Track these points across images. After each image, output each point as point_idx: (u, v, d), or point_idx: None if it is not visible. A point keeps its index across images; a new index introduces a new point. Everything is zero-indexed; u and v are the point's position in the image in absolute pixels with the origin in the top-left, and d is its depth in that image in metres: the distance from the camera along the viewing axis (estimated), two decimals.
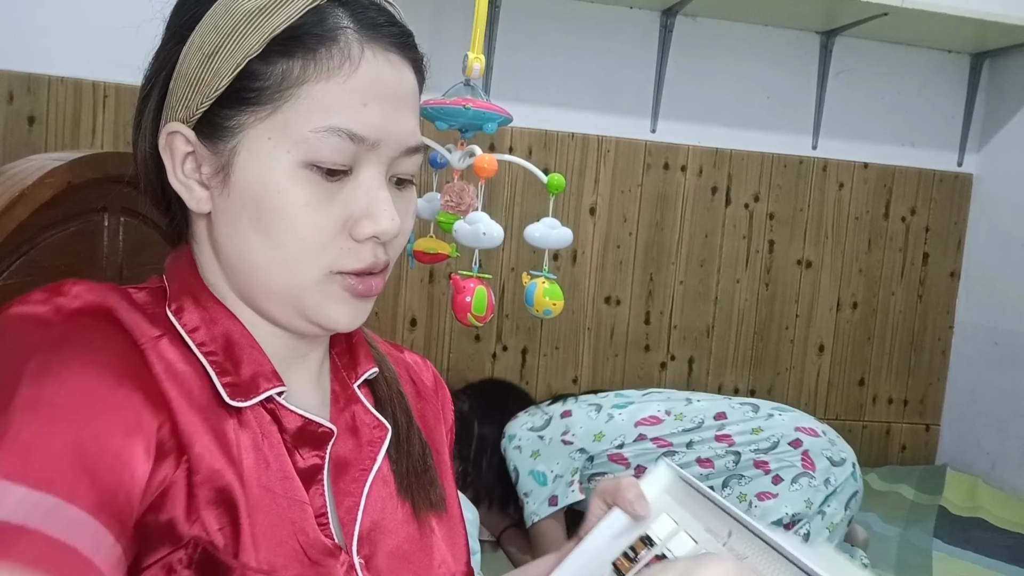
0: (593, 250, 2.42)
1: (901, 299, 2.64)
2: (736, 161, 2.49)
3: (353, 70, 0.55)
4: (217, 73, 0.55)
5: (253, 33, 0.54)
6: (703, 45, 2.44)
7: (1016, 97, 2.51)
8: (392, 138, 0.57)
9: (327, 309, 0.58)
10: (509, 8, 2.29)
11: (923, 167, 2.61)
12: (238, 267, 0.58)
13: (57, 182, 0.73)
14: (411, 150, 0.59)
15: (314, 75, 0.54)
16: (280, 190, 0.55)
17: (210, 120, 0.56)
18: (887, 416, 2.66)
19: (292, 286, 0.57)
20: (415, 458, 0.66)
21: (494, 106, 1.46)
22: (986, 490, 2.33)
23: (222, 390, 0.56)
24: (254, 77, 0.54)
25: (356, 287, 0.58)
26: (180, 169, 0.58)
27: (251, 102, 0.55)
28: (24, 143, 2.05)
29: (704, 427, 1.78)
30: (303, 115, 0.54)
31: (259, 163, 0.55)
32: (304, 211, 0.55)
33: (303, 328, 0.60)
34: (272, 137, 0.55)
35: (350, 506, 0.60)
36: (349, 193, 0.56)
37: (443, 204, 1.44)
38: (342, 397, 0.65)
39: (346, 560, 0.57)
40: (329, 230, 0.56)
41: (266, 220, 0.55)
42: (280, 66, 0.54)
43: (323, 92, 0.54)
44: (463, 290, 1.42)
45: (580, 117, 2.39)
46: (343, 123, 0.54)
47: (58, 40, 2.03)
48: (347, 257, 0.57)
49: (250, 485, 0.54)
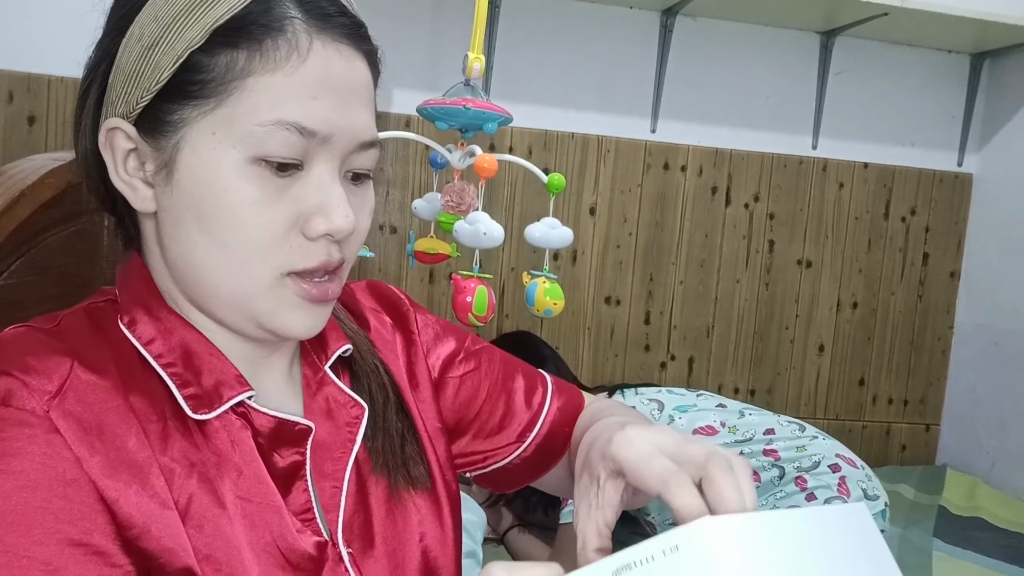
0: (593, 250, 2.42)
1: (901, 299, 2.64)
2: (736, 161, 2.49)
3: (301, 61, 0.52)
4: (157, 66, 0.52)
5: (195, 23, 0.52)
6: (703, 45, 2.43)
7: (1016, 97, 2.51)
8: (344, 132, 0.54)
9: (281, 316, 0.55)
10: (509, 8, 2.29)
11: (923, 167, 2.61)
12: (185, 270, 0.56)
13: (57, 182, 0.73)
14: (365, 144, 0.57)
15: (260, 67, 0.52)
16: (226, 187, 0.52)
17: (152, 115, 0.54)
18: (887, 416, 2.66)
19: (242, 290, 0.55)
20: (392, 435, 0.64)
21: (494, 106, 1.46)
22: (986, 490, 2.33)
23: (184, 403, 0.54)
24: (196, 69, 0.52)
25: (310, 291, 0.55)
26: (122, 167, 0.56)
27: (194, 95, 0.52)
28: (24, 143, 2.05)
29: (754, 440, 1.79)
30: (249, 109, 0.51)
31: (203, 160, 0.52)
32: (251, 209, 0.52)
33: (257, 335, 0.57)
34: (216, 132, 0.52)
35: (332, 492, 0.59)
36: (300, 189, 0.54)
37: (443, 204, 1.44)
38: (313, 382, 0.63)
39: (333, 554, 0.57)
40: (279, 228, 0.53)
41: (211, 220, 0.53)
42: (224, 58, 0.52)
43: (269, 84, 0.52)
44: (464, 290, 1.42)
45: (580, 117, 2.39)
46: (291, 116, 0.52)
47: (58, 40, 2.03)
48: (297, 256, 0.54)
49: (225, 498, 0.53)
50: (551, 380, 0.79)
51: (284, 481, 0.57)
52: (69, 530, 0.47)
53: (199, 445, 0.54)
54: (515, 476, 0.77)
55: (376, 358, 0.67)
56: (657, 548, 0.41)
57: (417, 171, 2.30)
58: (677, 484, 0.46)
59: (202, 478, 0.53)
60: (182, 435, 0.54)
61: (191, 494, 0.52)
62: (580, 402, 0.79)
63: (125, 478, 0.50)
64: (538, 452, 0.75)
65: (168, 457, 0.53)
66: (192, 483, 0.53)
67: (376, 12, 2.52)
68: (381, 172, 2.28)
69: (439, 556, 0.65)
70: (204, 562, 0.51)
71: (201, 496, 0.53)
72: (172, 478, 0.52)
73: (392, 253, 2.30)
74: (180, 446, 0.53)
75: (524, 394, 0.76)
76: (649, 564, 0.40)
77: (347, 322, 0.68)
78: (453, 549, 0.67)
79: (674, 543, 0.40)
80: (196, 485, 0.53)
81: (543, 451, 0.75)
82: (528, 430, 0.75)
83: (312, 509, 0.57)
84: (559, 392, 0.78)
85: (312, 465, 0.59)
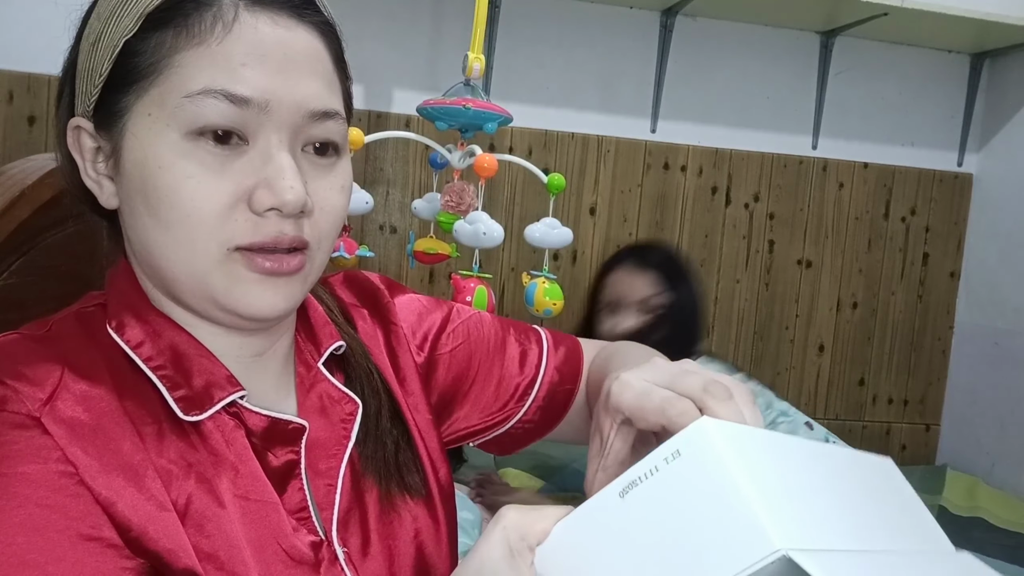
0: (593, 250, 2.42)
1: (901, 299, 2.64)
2: (736, 161, 2.49)
3: (226, 31, 0.51)
4: (100, 59, 0.54)
5: (128, 14, 0.53)
6: (703, 45, 2.43)
7: (1016, 97, 2.51)
8: (284, 100, 0.53)
9: (235, 292, 0.54)
10: (509, 8, 2.29)
11: (923, 167, 2.61)
12: (146, 259, 0.56)
13: (57, 182, 0.73)
14: (318, 114, 0.55)
15: (186, 42, 0.51)
16: (161, 165, 0.51)
17: (103, 108, 0.54)
18: (887, 416, 2.66)
19: (193, 270, 0.53)
20: (385, 443, 0.64)
21: (494, 106, 1.46)
22: (986, 490, 2.33)
23: (175, 406, 0.54)
24: (131, 55, 0.52)
25: (262, 264, 0.53)
26: (91, 166, 0.56)
27: (131, 81, 0.53)
28: (24, 143, 2.05)
29: None
30: (177, 84, 0.51)
31: (141, 142, 0.52)
32: (189, 184, 0.51)
33: (225, 319, 0.56)
34: (152, 112, 0.52)
35: (327, 490, 0.59)
36: (247, 163, 0.52)
37: (443, 204, 1.44)
38: (307, 379, 0.63)
39: (328, 553, 0.57)
40: (221, 202, 0.52)
41: (153, 200, 0.52)
42: (154, 39, 0.52)
43: (196, 56, 0.51)
44: (463, 290, 1.42)
45: (580, 117, 2.39)
46: (217, 84, 0.51)
47: (58, 40, 2.02)
48: (244, 230, 0.52)
49: (224, 497, 0.53)
50: (547, 337, 0.78)
51: (279, 480, 0.57)
52: (80, 526, 0.47)
53: (195, 445, 0.54)
54: (518, 439, 0.76)
55: (369, 362, 0.67)
56: (659, 458, 0.40)
57: (417, 171, 2.30)
58: (677, 412, 0.46)
59: (200, 478, 0.53)
60: (178, 436, 0.54)
61: (190, 494, 0.52)
62: (579, 355, 0.77)
63: (120, 482, 0.50)
64: (540, 413, 0.75)
65: (165, 459, 0.53)
66: (190, 483, 0.53)
67: (376, 12, 2.53)
68: (381, 172, 2.28)
69: (434, 553, 0.64)
70: (206, 561, 0.51)
71: (200, 496, 0.53)
72: (170, 479, 0.52)
73: (392, 253, 2.30)
74: (176, 447, 0.53)
75: (519, 358, 0.75)
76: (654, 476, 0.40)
77: (341, 324, 0.68)
78: (448, 545, 0.67)
79: (674, 449, 0.40)
80: (194, 485, 0.53)
81: (545, 411, 0.75)
82: (527, 393, 0.74)
83: (307, 508, 0.57)
84: (555, 348, 0.77)
85: (307, 463, 0.58)
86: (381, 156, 2.27)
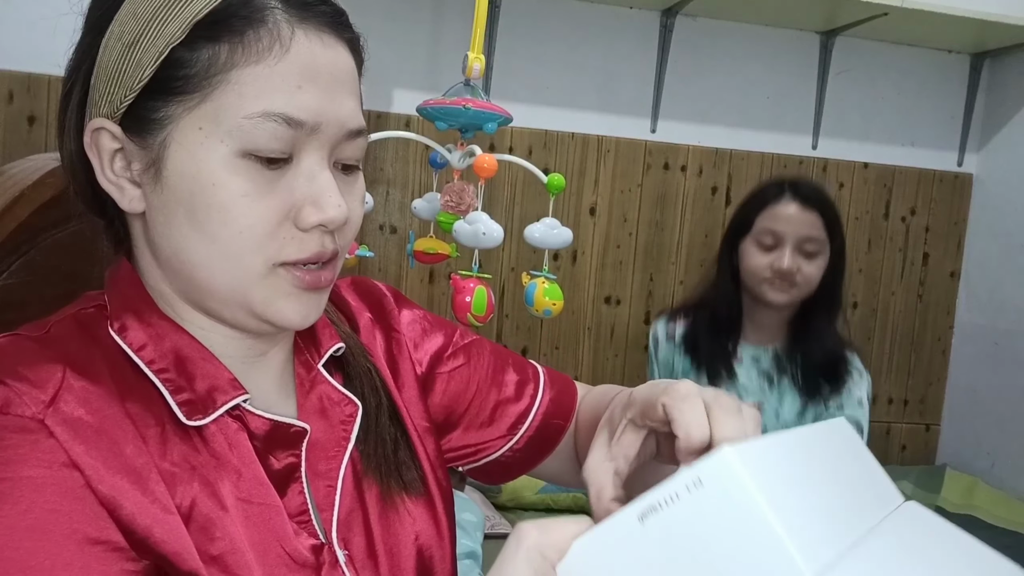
0: (593, 250, 2.42)
1: (901, 299, 2.64)
2: (736, 161, 2.49)
3: (284, 52, 0.52)
4: (140, 63, 0.52)
5: (175, 19, 0.51)
6: (703, 45, 2.43)
7: (1016, 97, 2.51)
8: (332, 121, 0.54)
9: (275, 304, 0.55)
10: (509, 8, 2.29)
11: (923, 167, 2.61)
12: (178, 267, 0.55)
13: (57, 182, 0.73)
14: (353, 133, 0.56)
15: (243, 59, 0.51)
16: (215, 182, 0.52)
17: (136, 113, 0.53)
18: (887, 416, 2.66)
19: (236, 283, 0.54)
20: (385, 440, 0.64)
21: (494, 106, 1.46)
22: (985, 490, 2.33)
23: (178, 410, 0.54)
24: (179, 65, 0.51)
25: (303, 279, 0.55)
26: (109, 168, 0.55)
27: (178, 91, 0.52)
28: (24, 143, 2.05)
29: None
30: (234, 102, 0.51)
31: (192, 155, 0.52)
32: (243, 202, 0.52)
33: (254, 327, 0.57)
34: (203, 127, 0.52)
35: (327, 492, 0.59)
36: (291, 180, 0.53)
37: (443, 204, 1.44)
38: (307, 381, 0.63)
39: (329, 556, 0.57)
40: (270, 221, 0.53)
41: (203, 215, 0.52)
42: (206, 52, 0.51)
43: (254, 76, 0.51)
44: (463, 290, 1.42)
45: (580, 117, 2.39)
46: (278, 107, 0.51)
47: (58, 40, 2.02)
48: (291, 247, 0.54)
49: (227, 500, 0.53)
50: (543, 371, 0.78)
51: (280, 483, 0.57)
52: (86, 529, 0.47)
53: (198, 448, 0.54)
54: (508, 468, 0.76)
55: (369, 361, 0.67)
56: (680, 485, 0.40)
57: (417, 171, 2.30)
58: (687, 403, 0.48)
59: (203, 481, 0.53)
60: (181, 439, 0.54)
61: (194, 498, 0.52)
62: (573, 392, 0.78)
63: (125, 484, 0.50)
64: (530, 444, 0.75)
65: (168, 462, 0.52)
66: (194, 486, 0.53)
67: (376, 12, 2.52)
68: (381, 172, 2.28)
69: (435, 555, 0.64)
70: (210, 564, 0.51)
71: (203, 499, 0.52)
72: (174, 482, 0.52)
73: (392, 253, 2.30)
74: (180, 450, 0.53)
75: (515, 387, 0.75)
76: (676, 503, 0.40)
77: (340, 324, 0.68)
78: (449, 547, 0.67)
79: (695, 477, 0.40)
80: (198, 488, 0.53)
81: (535, 443, 0.75)
82: (519, 423, 0.74)
83: (308, 511, 0.57)
84: (551, 384, 0.77)
85: (307, 465, 0.59)
86: (381, 156, 2.27)
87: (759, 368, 1.61)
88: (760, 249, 1.54)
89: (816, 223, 1.53)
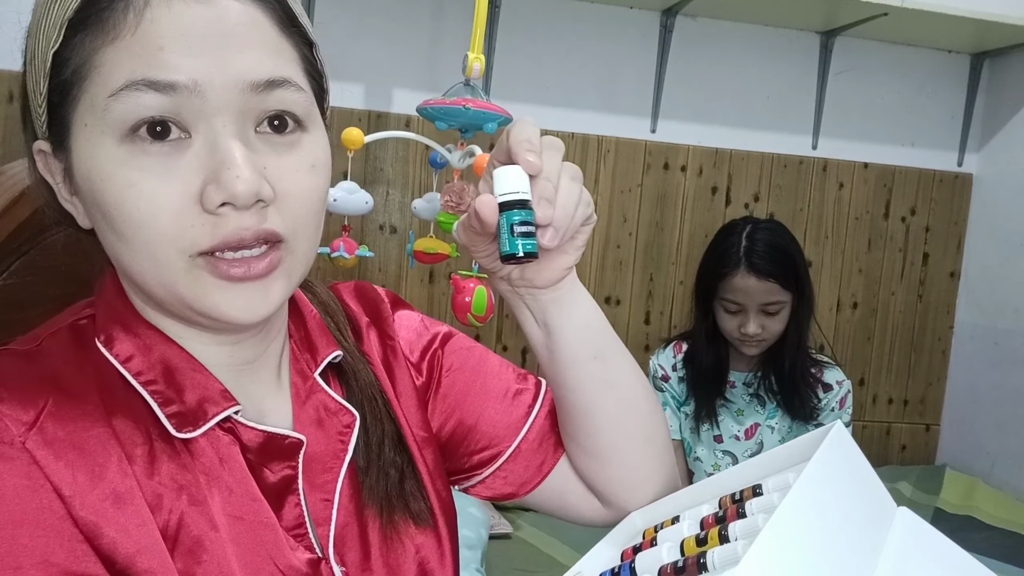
0: (593, 250, 2.42)
1: (901, 299, 2.64)
2: (736, 161, 2.49)
3: (138, 20, 0.47)
4: (37, 76, 0.51)
5: (51, 23, 0.49)
6: (703, 45, 2.44)
7: (1016, 97, 2.51)
8: (217, 78, 0.47)
9: (209, 299, 0.50)
10: (509, 8, 2.29)
11: (923, 167, 2.61)
12: (125, 274, 0.53)
13: None
14: (260, 85, 0.49)
15: (103, 40, 0.47)
16: (104, 177, 0.48)
17: (54, 127, 0.51)
18: (887, 416, 2.66)
19: (162, 280, 0.50)
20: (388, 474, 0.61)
21: (494, 106, 1.46)
22: (985, 490, 2.33)
23: (167, 423, 0.52)
24: (62, 67, 0.49)
25: (226, 271, 0.49)
26: (65, 188, 0.53)
27: (66, 92, 0.49)
28: (24, 143, 2.05)
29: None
30: (101, 85, 0.47)
31: (86, 155, 0.49)
32: (131, 192, 0.47)
33: (209, 325, 0.53)
34: (88, 123, 0.48)
35: (323, 505, 0.57)
36: (192, 159, 0.48)
37: (443, 204, 1.44)
38: (303, 390, 0.60)
39: (326, 571, 0.55)
40: (169, 207, 0.47)
41: (106, 214, 0.49)
42: (76, 44, 0.48)
43: (114, 52, 0.47)
44: (463, 290, 1.42)
45: (580, 117, 2.39)
46: (136, 74, 0.46)
47: None
48: (201, 233, 0.48)
49: (217, 518, 0.51)
50: (544, 383, 0.74)
51: (276, 496, 0.55)
52: (65, 563, 0.46)
53: (187, 465, 0.52)
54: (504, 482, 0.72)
55: (368, 370, 0.65)
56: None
57: (417, 171, 2.30)
58: (520, 123, 0.56)
59: (192, 500, 0.51)
60: (169, 457, 0.52)
61: (181, 518, 0.50)
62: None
63: (107, 508, 0.48)
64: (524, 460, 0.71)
65: (155, 481, 0.51)
66: (181, 506, 0.51)
67: (376, 12, 2.52)
68: (381, 172, 2.28)
69: (436, 568, 0.62)
70: None
71: (192, 519, 0.51)
72: (160, 503, 0.50)
73: (392, 253, 2.30)
74: (167, 468, 0.51)
75: (512, 396, 0.71)
76: None
77: (343, 331, 0.66)
78: (451, 558, 0.64)
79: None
80: (186, 508, 0.51)
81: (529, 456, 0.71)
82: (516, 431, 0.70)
83: (304, 524, 0.55)
84: (551, 395, 0.72)
85: (303, 477, 0.56)
86: (381, 156, 2.27)
87: (749, 392, 1.76)
88: (726, 313, 1.67)
89: (774, 288, 1.62)
